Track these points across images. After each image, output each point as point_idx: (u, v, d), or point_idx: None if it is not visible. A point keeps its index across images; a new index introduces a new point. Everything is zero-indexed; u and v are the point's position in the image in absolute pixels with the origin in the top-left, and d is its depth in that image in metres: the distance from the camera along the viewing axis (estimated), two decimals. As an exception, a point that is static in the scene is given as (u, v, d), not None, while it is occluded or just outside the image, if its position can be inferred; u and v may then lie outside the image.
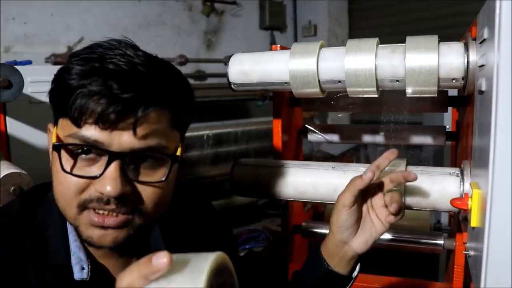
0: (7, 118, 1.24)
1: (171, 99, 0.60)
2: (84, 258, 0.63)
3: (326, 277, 0.75)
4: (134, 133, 0.56)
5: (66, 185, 0.57)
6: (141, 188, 0.59)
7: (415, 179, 0.69)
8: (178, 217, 0.74)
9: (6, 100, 1.11)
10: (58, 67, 0.62)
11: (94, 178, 0.56)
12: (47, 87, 0.63)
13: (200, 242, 0.77)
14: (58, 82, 0.58)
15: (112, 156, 0.56)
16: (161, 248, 0.69)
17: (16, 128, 1.28)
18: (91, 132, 0.55)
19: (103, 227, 0.58)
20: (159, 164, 0.60)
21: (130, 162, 0.58)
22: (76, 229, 0.60)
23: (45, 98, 0.63)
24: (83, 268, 0.62)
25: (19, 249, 0.61)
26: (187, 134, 0.69)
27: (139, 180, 0.59)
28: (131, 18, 3.02)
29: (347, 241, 0.73)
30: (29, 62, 1.43)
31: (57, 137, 0.59)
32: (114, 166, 0.56)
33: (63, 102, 0.56)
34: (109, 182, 0.55)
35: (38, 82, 1.31)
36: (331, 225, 0.74)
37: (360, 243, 0.73)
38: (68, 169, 0.57)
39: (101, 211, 0.58)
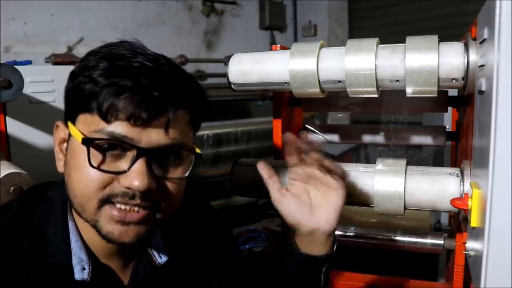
0: (7, 118, 1.25)
1: (191, 99, 0.63)
2: (85, 258, 0.63)
3: (299, 260, 0.69)
4: (166, 132, 0.58)
5: (91, 180, 0.58)
6: (163, 184, 0.61)
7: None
8: (178, 217, 0.75)
9: (6, 100, 1.11)
10: (58, 67, 0.62)
11: (121, 173, 0.57)
12: (47, 87, 0.63)
13: (200, 243, 0.77)
14: (83, 79, 0.58)
15: (140, 151, 0.57)
16: (161, 248, 0.69)
17: (16, 128, 1.28)
18: (121, 128, 0.57)
19: (124, 222, 0.59)
20: (180, 161, 0.63)
21: (156, 159, 0.59)
22: (95, 225, 0.60)
23: (45, 98, 0.63)
24: (84, 269, 0.62)
25: (17, 249, 0.61)
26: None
27: (164, 176, 0.61)
28: (131, 18, 3.03)
29: (305, 227, 0.66)
30: (29, 62, 1.43)
31: (81, 133, 0.59)
32: (141, 162, 0.57)
33: (89, 98, 0.57)
34: (137, 177, 0.56)
35: (38, 82, 1.30)
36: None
37: (323, 222, 0.66)
38: (95, 164, 0.57)
39: (123, 206, 0.58)
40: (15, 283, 0.59)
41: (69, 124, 0.61)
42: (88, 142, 0.57)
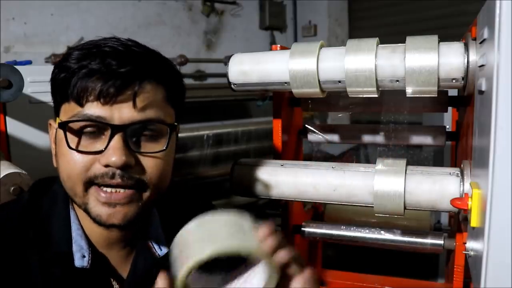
0: (7, 118, 1.24)
1: (163, 74, 0.65)
2: (85, 246, 0.65)
3: None
4: (134, 104, 0.59)
5: (73, 163, 0.60)
6: (143, 160, 0.62)
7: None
8: (178, 212, 0.76)
9: (6, 100, 1.11)
10: (58, 67, 0.63)
11: (99, 152, 0.59)
12: (47, 87, 0.65)
13: None
14: (59, 70, 0.61)
15: (115, 129, 0.59)
16: (161, 240, 0.71)
17: (16, 128, 1.28)
18: (93, 109, 0.59)
19: (110, 204, 0.60)
20: (158, 136, 0.64)
21: (131, 135, 0.61)
22: (85, 208, 0.61)
23: (45, 98, 0.66)
24: (84, 256, 0.64)
25: (24, 240, 0.63)
26: (187, 134, 0.71)
27: (141, 151, 0.62)
28: (131, 18, 3.03)
29: None
30: (29, 62, 1.43)
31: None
32: (117, 138, 0.59)
33: (65, 86, 0.60)
34: (113, 153, 0.58)
35: (38, 82, 1.30)
36: None
37: None
38: (73, 147, 0.60)
39: (108, 189, 0.60)
40: (20, 271, 0.61)
41: (57, 118, 0.63)
42: (63, 125, 0.60)
